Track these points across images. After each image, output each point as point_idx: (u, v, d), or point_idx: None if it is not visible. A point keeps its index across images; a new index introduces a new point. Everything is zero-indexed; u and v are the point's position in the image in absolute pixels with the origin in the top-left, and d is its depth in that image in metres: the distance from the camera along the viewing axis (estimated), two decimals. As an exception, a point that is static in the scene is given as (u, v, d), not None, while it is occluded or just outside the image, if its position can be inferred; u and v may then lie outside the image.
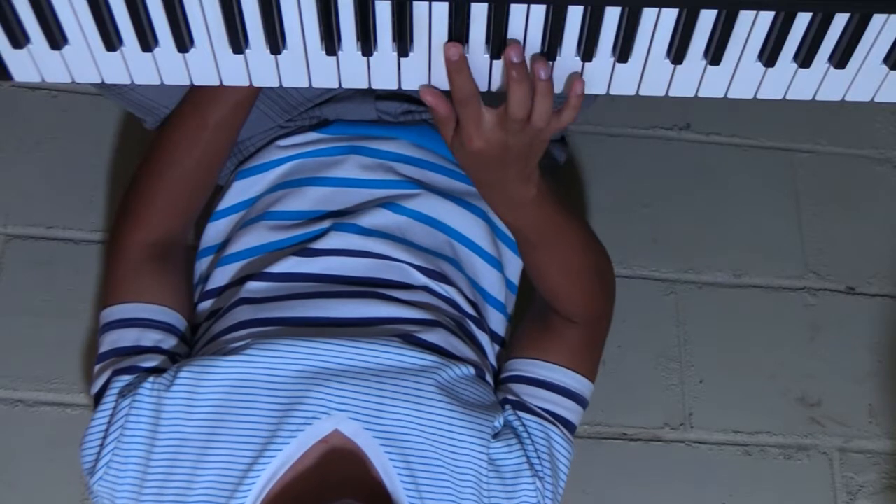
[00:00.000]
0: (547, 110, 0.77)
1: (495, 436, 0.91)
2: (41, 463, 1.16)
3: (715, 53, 0.76)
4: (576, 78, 0.77)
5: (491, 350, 1.04)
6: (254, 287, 0.98)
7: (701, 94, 0.80)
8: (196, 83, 0.78)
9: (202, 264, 1.07)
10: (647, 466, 1.25)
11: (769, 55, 0.76)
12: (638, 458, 1.26)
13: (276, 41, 0.74)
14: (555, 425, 0.96)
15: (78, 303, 1.23)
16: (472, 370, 0.95)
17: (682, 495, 1.25)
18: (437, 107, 0.78)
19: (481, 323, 1.03)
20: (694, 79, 0.79)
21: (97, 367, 0.95)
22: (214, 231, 1.07)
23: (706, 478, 1.26)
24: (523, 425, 0.94)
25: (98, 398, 0.92)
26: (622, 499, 1.23)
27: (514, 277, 1.11)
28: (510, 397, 0.97)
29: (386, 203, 1.03)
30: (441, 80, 0.78)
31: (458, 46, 0.73)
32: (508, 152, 0.80)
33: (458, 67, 0.74)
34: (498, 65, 0.77)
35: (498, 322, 1.06)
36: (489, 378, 1.00)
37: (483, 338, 1.02)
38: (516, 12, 0.72)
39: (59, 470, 1.15)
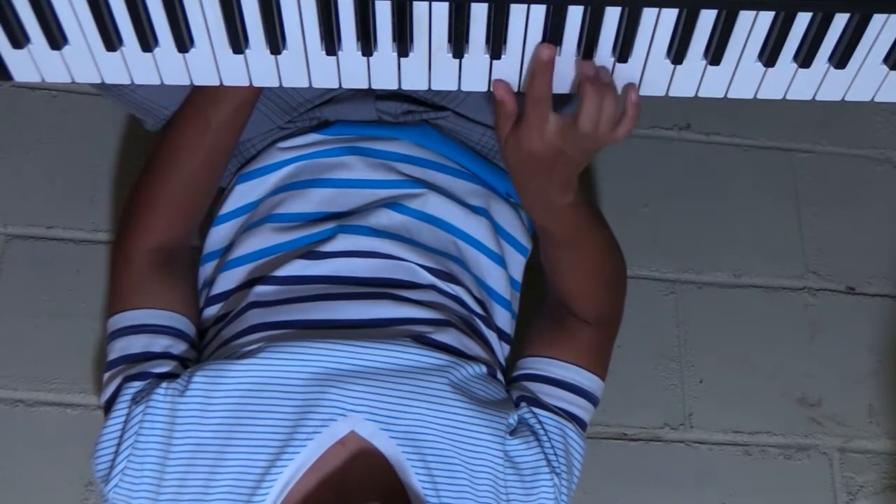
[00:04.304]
0: (612, 120, 0.79)
1: (512, 433, 0.91)
2: (41, 463, 1.16)
3: (715, 53, 0.76)
4: (630, 87, 0.78)
5: (499, 348, 1.04)
6: (263, 290, 0.97)
7: (701, 94, 0.80)
8: (196, 83, 0.78)
9: (206, 269, 1.06)
10: (647, 466, 1.25)
11: (769, 55, 0.76)
12: (638, 458, 1.26)
13: (276, 41, 0.74)
14: (570, 422, 0.96)
15: (78, 303, 1.23)
16: (484, 368, 0.95)
17: (682, 495, 1.25)
18: (507, 102, 0.80)
19: (489, 321, 1.04)
20: (694, 79, 0.79)
21: (107, 375, 0.94)
22: (217, 235, 1.07)
23: (706, 478, 1.26)
24: (539, 422, 0.94)
25: (109, 406, 0.92)
26: (622, 499, 1.23)
27: (518, 275, 1.11)
28: (525, 394, 0.97)
29: (390, 204, 1.03)
30: (442, 81, 0.78)
31: (552, 48, 0.75)
32: (560, 157, 0.82)
33: (546, 68, 0.76)
34: (497, 65, 0.77)
35: (504, 320, 1.07)
36: (500, 376, 1.00)
37: (491, 336, 1.03)
38: (516, 12, 0.72)
39: (59, 470, 1.15)
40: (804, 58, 0.76)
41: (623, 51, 0.76)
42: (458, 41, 0.75)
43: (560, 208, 0.90)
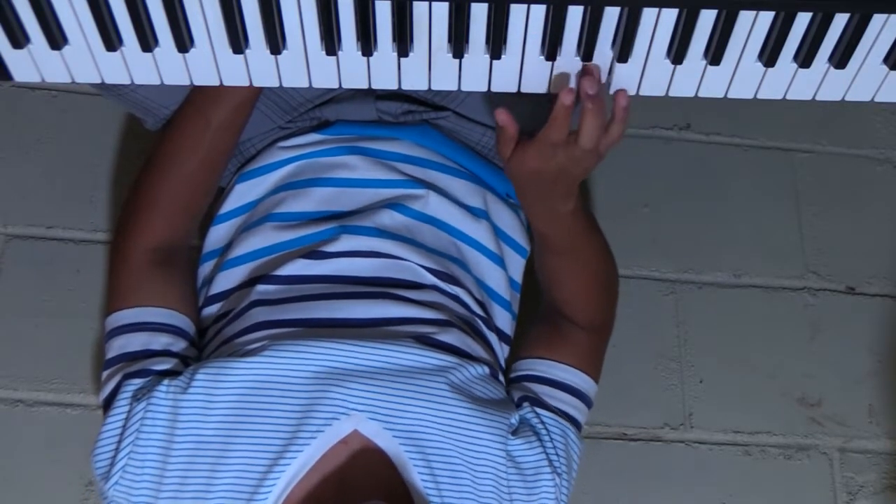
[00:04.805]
0: (616, 137, 0.82)
1: (514, 433, 0.91)
2: (41, 463, 1.16)
3: (715, 53, 0.76)
4: (619, 91, 0.80)
5: (500, 349, 1.05)
6: (265, 289, 0.97)
7: (701, 94, 0.80)
8: (196, 83, 0.78)
9: (206, 268, 1.06)
10: (647, 466, 1.25)
11: (769, 55, 0.76)
12: (638, 458, 1.26)
13: (276, 41, 0.74)
14: (570, 424, 0.97)
15: (78, 303, 1.23)
16: (486, 369, 0.95)
17: (682, 495, 1.25)
18: (508, 127, 0.83)
19: (489, 322, 1.04)
20: (694, 79, 0.79)
21: (105, 373, 0.94)
22: (217, 235, 1.06)
23: (706, 478, 1.26)
24: (542, 422, 0.94)
25: (108, 403, 0.91)
26: (622, 499, 1.23)
27: (518, 276, 1.11)
28: (528, 395, 0.97)
29: (391, 204, 1.03)
30: (442, 81, 0.78)
31: (573, 93, 0.77)
32: (562, 173, 0.85)
33: (567, 113, 0.79)
34: (497, 65, 0.77)
35: (505, 321, 1.07)
36: (500, 377, 1.01)
37: (492, 337, 1.03)
38: (516, 12, 0.73)
39: (59, 470, 1.15)
40: (804, 58, 0.76)
41: (623, 51, 0.76)
42: (458, 41, 0.75)
43: (562, 215, 0.91)
